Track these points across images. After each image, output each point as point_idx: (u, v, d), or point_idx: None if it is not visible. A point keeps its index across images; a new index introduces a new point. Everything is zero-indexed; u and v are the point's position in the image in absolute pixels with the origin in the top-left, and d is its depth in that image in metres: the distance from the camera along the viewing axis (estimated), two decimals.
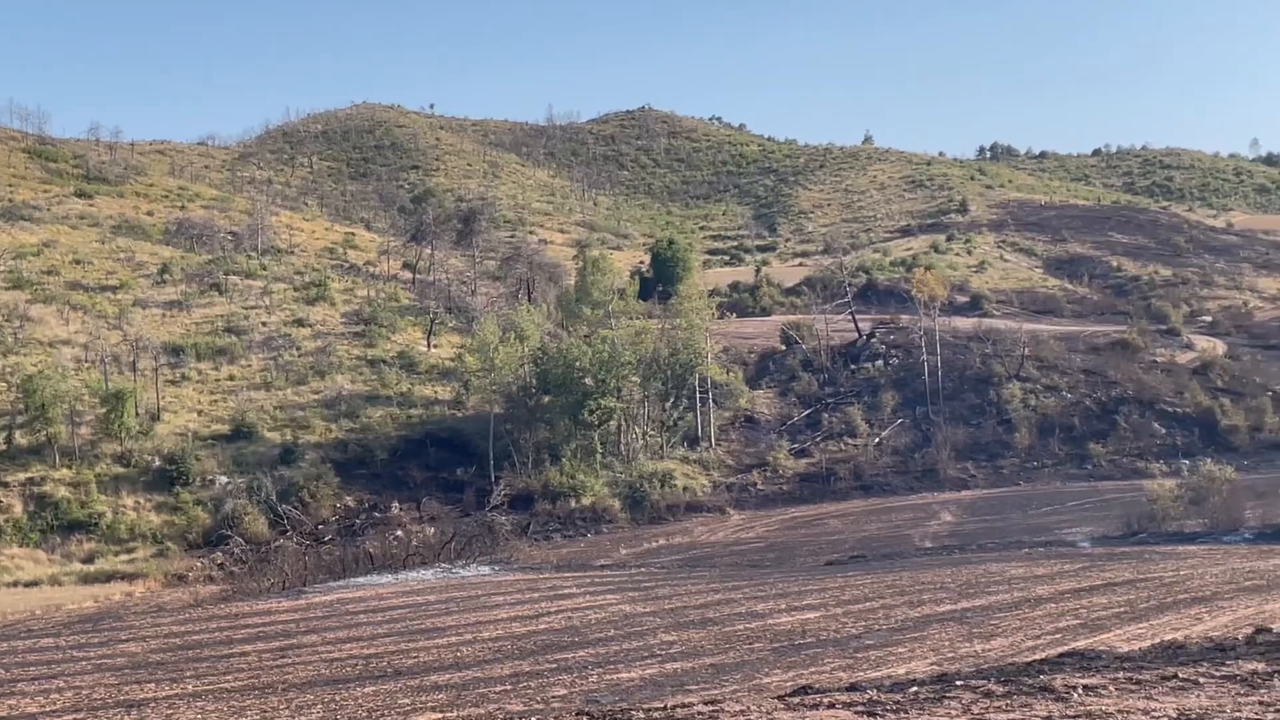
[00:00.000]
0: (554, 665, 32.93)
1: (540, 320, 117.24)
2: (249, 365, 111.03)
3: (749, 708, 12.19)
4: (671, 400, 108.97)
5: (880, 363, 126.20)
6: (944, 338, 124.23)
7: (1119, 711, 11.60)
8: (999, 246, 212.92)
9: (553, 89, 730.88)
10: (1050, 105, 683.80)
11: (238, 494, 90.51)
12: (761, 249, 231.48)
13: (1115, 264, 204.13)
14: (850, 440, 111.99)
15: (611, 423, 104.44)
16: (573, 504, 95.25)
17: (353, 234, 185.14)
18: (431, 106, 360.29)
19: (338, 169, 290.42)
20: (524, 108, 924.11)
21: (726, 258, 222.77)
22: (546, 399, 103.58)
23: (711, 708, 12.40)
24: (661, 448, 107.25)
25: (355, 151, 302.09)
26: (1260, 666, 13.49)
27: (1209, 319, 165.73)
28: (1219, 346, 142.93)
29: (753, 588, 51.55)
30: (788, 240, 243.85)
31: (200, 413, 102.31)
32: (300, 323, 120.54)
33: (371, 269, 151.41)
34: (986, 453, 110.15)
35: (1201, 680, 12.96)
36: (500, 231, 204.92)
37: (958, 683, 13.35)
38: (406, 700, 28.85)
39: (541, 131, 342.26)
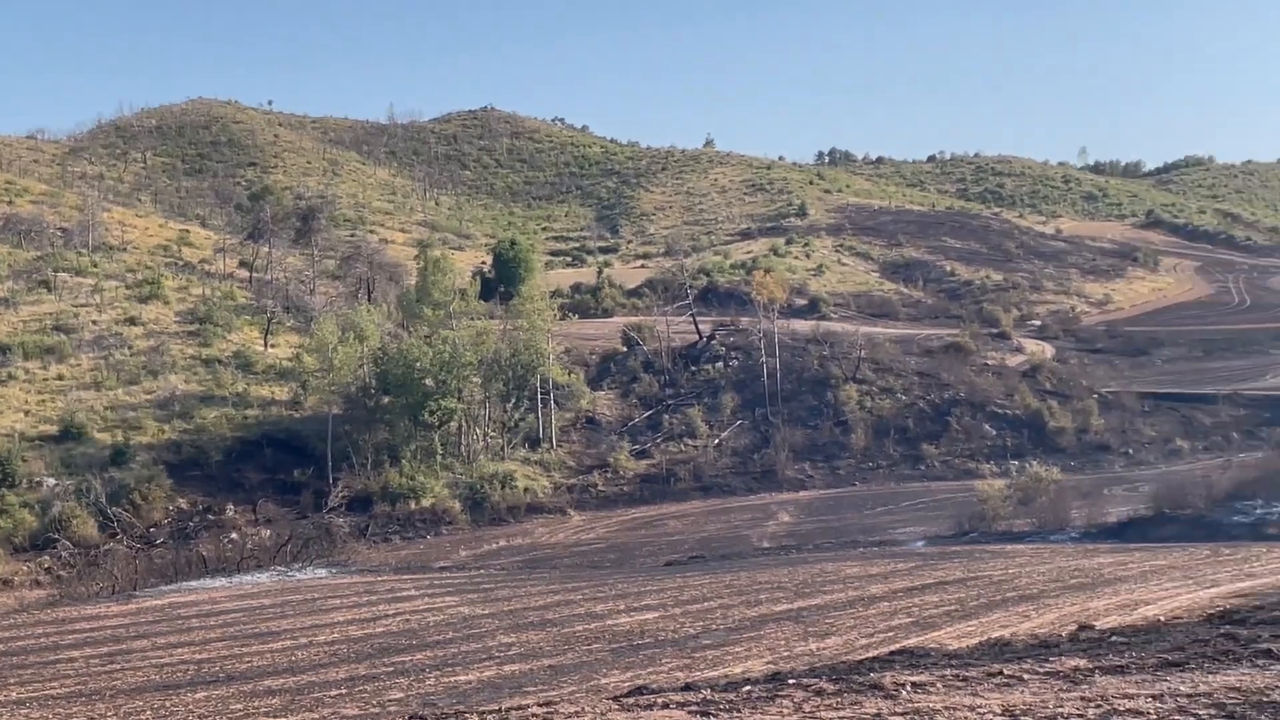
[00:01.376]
0: (391, 668, 32.72)
1: (380, 320, 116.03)
2: (79, 364, 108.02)
3: (584, 709, 12.25)
4: (513, 401, 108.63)
5: (720, 364, 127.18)
6: (783, 340, 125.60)
7: (946, 708, 11.88)
8: (837, 250, 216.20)
9: (394, 87, 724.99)
10: (887, 112, 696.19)
11: (66, 496, 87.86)
12: (604, 250, 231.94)
13: (949, 268, 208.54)
14: (690, 441, 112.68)
15: (452, 424, 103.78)
16: (412, 505, 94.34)
17: (188, 231, 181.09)
18: (270, 103, 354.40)
19: (172, 165, 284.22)
20: (365, 106, 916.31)
21: (569, 259, 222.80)
22: (386, 400, 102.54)
23: (546, 709, 12.43)
24: (502, 449, 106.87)
25: (191, 147, 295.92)
26: (1082, 663, 13.91)
27: (1038, 323, 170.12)
28: (1047, 350, 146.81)
29: (592, 589, 51.70)
30: (630, 242, 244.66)
31: (27, 413, 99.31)
32: (132, 321, 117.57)
33: (207, 267, 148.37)
34: (824, 454, 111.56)
35: (1026, 677, 13.32)
36: (340, 230, 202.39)
37: (790, 681, 13.55)
38: (239, 706, 28.44)
39: (383, 130, 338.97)
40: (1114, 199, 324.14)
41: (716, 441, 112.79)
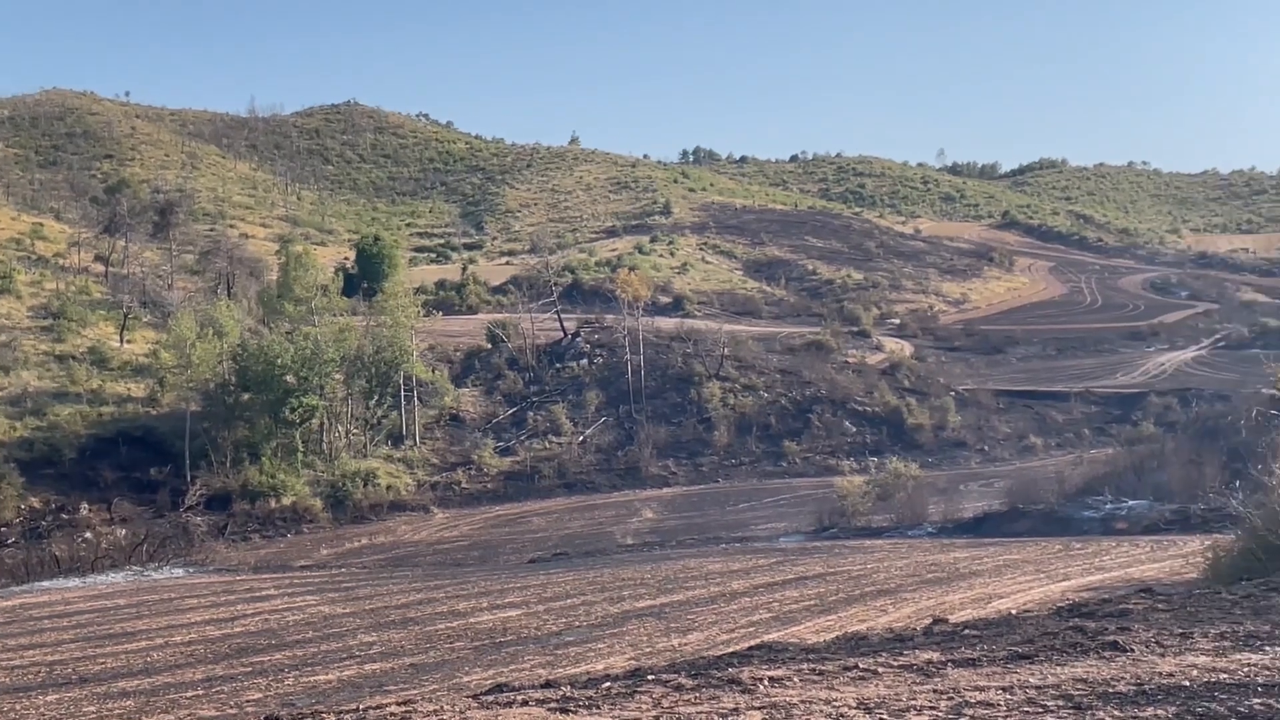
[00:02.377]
0: (249, 669, 32.31)
1: (240, 316, 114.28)
2: None
3: (443, 707, 12.23)
4: (376, 398, 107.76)
5: (585, 362, 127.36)
6: (647, 338, 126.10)
7: (802, 702, 12.04)
8: (701, 249, 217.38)
9: (255, 80, 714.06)
10: (751, 112, 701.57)
11: None
12: (468, 247, 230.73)
13: (810, 267, 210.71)
14: (555, 439, 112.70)
15: (314, 421, 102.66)
16: (272, 504, 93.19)
17: (41, 224, 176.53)
18: (127, 94, 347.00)
19: (25, 157, 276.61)
20: (225, 98, 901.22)
21: (433, 255, 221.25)
22: (246, 397, 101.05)
23: (405, 708, 12.38)
24: (365, 446, 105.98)
25: (45, 139, 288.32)
26: (935, 656, 14.17)
27: (897, 321, 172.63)
28: (906, 348, 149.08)
29: (455, 587, 51.50)
30: (495, 239, 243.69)
31: None
32: None
33: (61, 261, 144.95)
34: (687, 450, 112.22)
35: (881, 670, 13.53)
36: (199, 225, 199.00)
37: (649, 677, 13.64)
38: (92, 708, 27.91)
39: (243, 123, 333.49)
40: (971, 200, 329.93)
41: (581, 439, 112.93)
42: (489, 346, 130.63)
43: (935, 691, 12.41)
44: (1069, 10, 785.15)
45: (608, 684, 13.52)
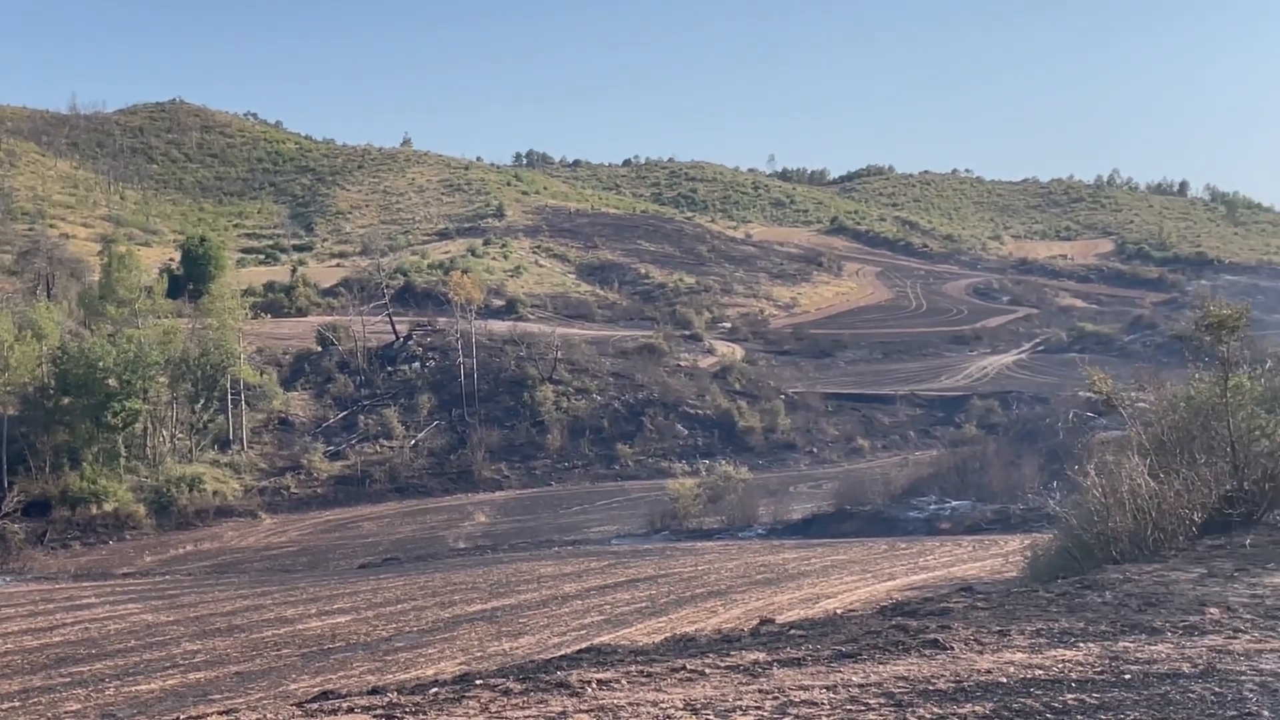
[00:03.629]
0: (68, 679, 31.45)
1: (61, 318, 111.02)
2: None
3: (267, 715, 12.06)
4: (202, 402, 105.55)
5: (417, 365, 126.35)
6: (480, 341, 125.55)
7: (630, 704, 12.11)
8: (534, 252, 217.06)
9: (77, 77, 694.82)
10: (584, 115, 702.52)
11: None
12: (298, 249, 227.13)
13: (643, 271, 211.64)
14: (386, 442, 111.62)
15: (137, 425, 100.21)
16: (94, 510, 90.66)
17: None
18: None
19: None
20: (45, 95, 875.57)
21: (262, 257, 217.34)
22: (66, 400, 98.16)
23: (228, 717, 12.19)
24: (191, 451, 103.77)
25: None
26: (762, 656, 14.34)
27: (729, 325, 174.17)
28: (737, 351, 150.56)
29: (283, 593, 50.74)
30: (325, 241, 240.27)
31: None
32: None
33: None
34: (520, 454, 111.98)
35: (708, 671, 13.65)
36: (17, 224, 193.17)
37: (478, 682, 13.60)
38: None
39: (64, 121, 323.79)
40: (801, 206, 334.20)
41: (413, 442, 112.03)
42: (319, 349, 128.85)
43: (761, 691, 12.57)
44: (895, 18, 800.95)
45: (435, 689, 13.45)
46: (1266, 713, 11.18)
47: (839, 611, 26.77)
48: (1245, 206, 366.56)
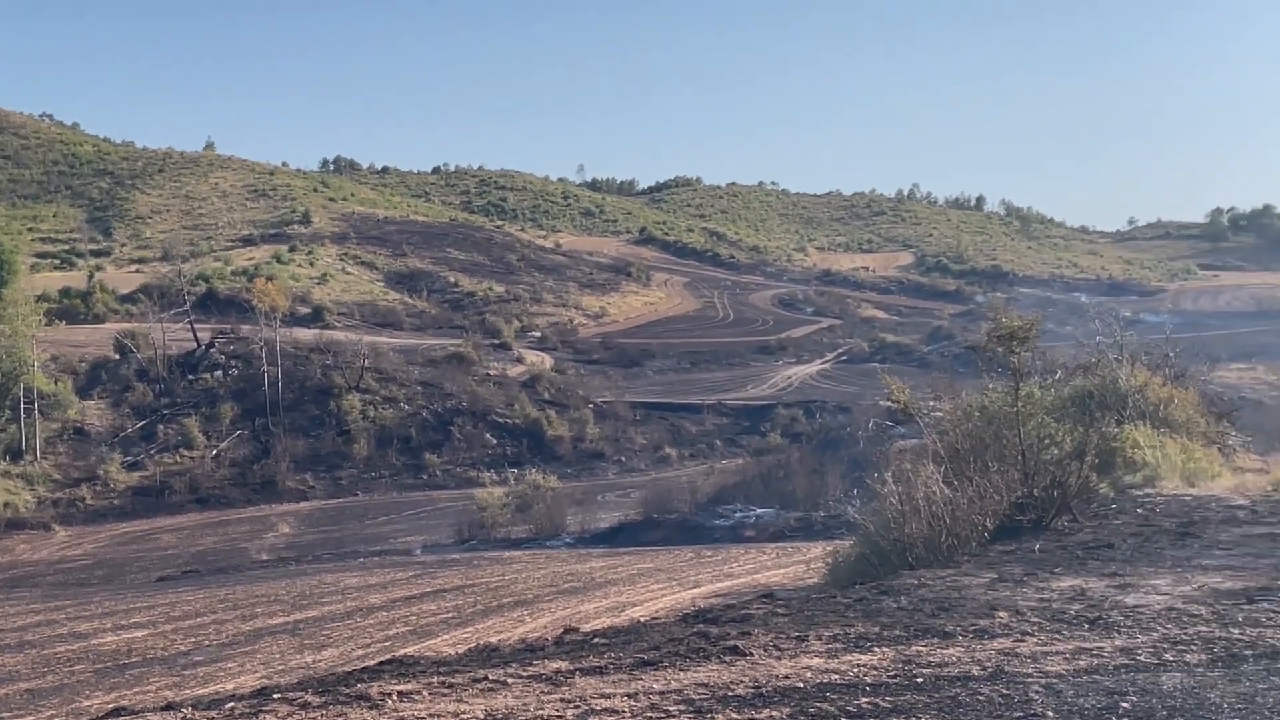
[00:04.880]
0: None
1: None
2: None
3: None
4: None
5: (220, 373, 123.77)
6: (285, 349, 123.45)
7: (430, 715, 12.07)
8: (341, 259, 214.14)
9: None
10: (392, 122, 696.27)
11: None
12: (96, 254, 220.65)
13: (453, 279, 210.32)
14: (187, 452, 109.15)
15: None
16: None
17: None
18: None
19: None
20: None
21: (57, 262, 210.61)
22: None
23: None
24: None
25: None
26: (564, 665, 14.38)
27: (538, 334, 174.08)
28: (547, 360, 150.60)
29: (77, 607, 49.29)
30: (124, 246, 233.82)
31: None
32: None
33: None
34: (326, 464, 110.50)
35: (510, 681, 13.65)
36: None
37: (275, 696, 13.40)
38: None
39: None
40: (610, 216, 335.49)
41: (215, 452, 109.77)
42: (117, 357, 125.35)
43: (563, 700, 12.62)
44: (700, 29, 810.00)
45: (232, 704, 13.22)
46: (1051, 713, 11.56)
47: (644, 619, 26.95)
48: (1039, 221, 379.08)
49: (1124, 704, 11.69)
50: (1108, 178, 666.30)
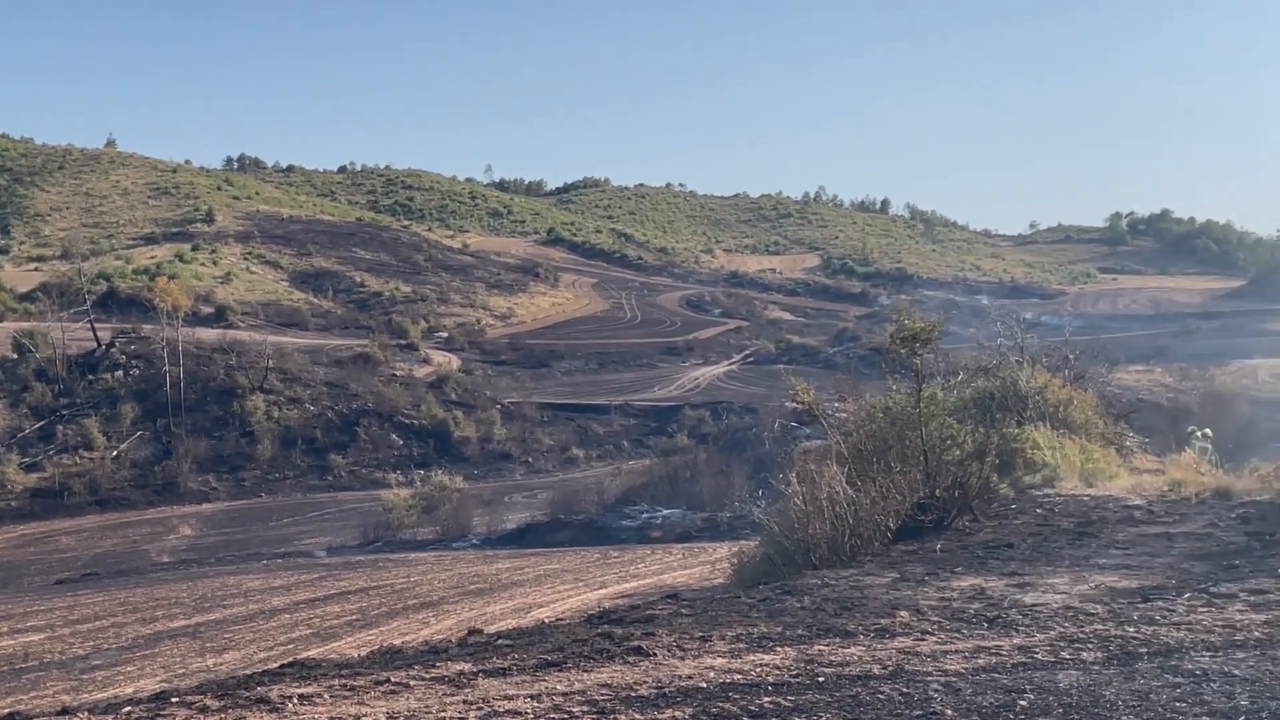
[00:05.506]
0: None
1: None
2: None
3: None
4: None
5: (121, 373, 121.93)
6: (188, 349, 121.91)
7: (331, 718, 11.99)
8: (245, 258, 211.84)
9: None
10: (298, 120, 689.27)
11: None
12: None
13: (359, 279, 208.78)
14: (87, 453, 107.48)
15: None
16: None
17: None
18: None
19: None
20: None
21: None
22: None
23: None
24: None
25: None
26: (467, 667, 14.33)
27: (445, 335, 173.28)
28: (454, 361, 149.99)
29: None
30: (23, 244, 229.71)
31: None
32: None
33: None
34: (229, 465, 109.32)
35: (412, 683, 13.58)
36: None
37: (174, 699, 13.23)
38: None
39: None
40: (518, 216, 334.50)
41: (115, 453, 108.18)
42: (15, 356, 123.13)
43: (465, 702, 12.58)
44: (607, 33, 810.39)
45: (129, 708, 13.04)
46: (950, 711, 11.68)
47: (549, 621, 26.93)
48: (942, 225, 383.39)
49: (1021, 701, 11.84)
50: (1010, 182, 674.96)
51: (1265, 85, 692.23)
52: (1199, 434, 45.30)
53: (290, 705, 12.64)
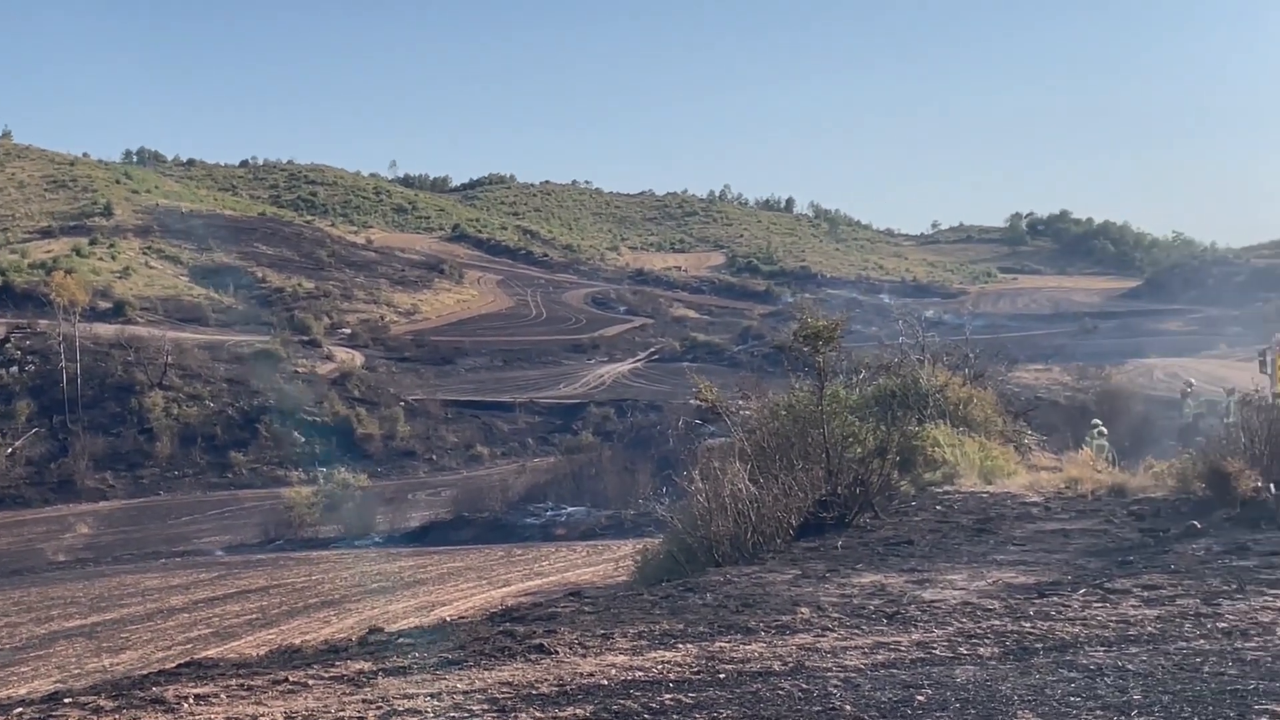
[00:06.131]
0: None
1: None
2: None
3: None
4: None
5: (15, 369, 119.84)
6: (85, 344, 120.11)
7: (227, 718, 11.86)
8: (145, 253, 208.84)
9: None
10: (199, 113, 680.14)
11: None
12: None
13: (261, 275, 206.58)
14: None
15: None
16: None
17: None
18: None
19: None
20: None
21: None
22: None
23: None
24: None
25: None
26: (367, 666, 14.24)
27: (349, 331, 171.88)
28: (357, 358, 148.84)
29: None
30: None
31: None
32: None
33: None
34: (127, 462, 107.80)
35: (311, 682, 13.47)
36: None
37: (67, 700, 13.03)
38: None
39: None
40: (423, 212, 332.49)
41: (9, 450, 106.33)
42: None
43: (365, 701, 12.49)
44: (511, 25, 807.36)
45: (21, 709, 12.82)
46: (849, 707, 11.77)
47: (451, 619, 26.84)
48: (846, 224, 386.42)
49: (919, 696, 11.96)
50: (913, 181, 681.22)
51: (1158, 88, 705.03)
52: (1096, 430, 46.09)
53: (186, 705, 12.49)
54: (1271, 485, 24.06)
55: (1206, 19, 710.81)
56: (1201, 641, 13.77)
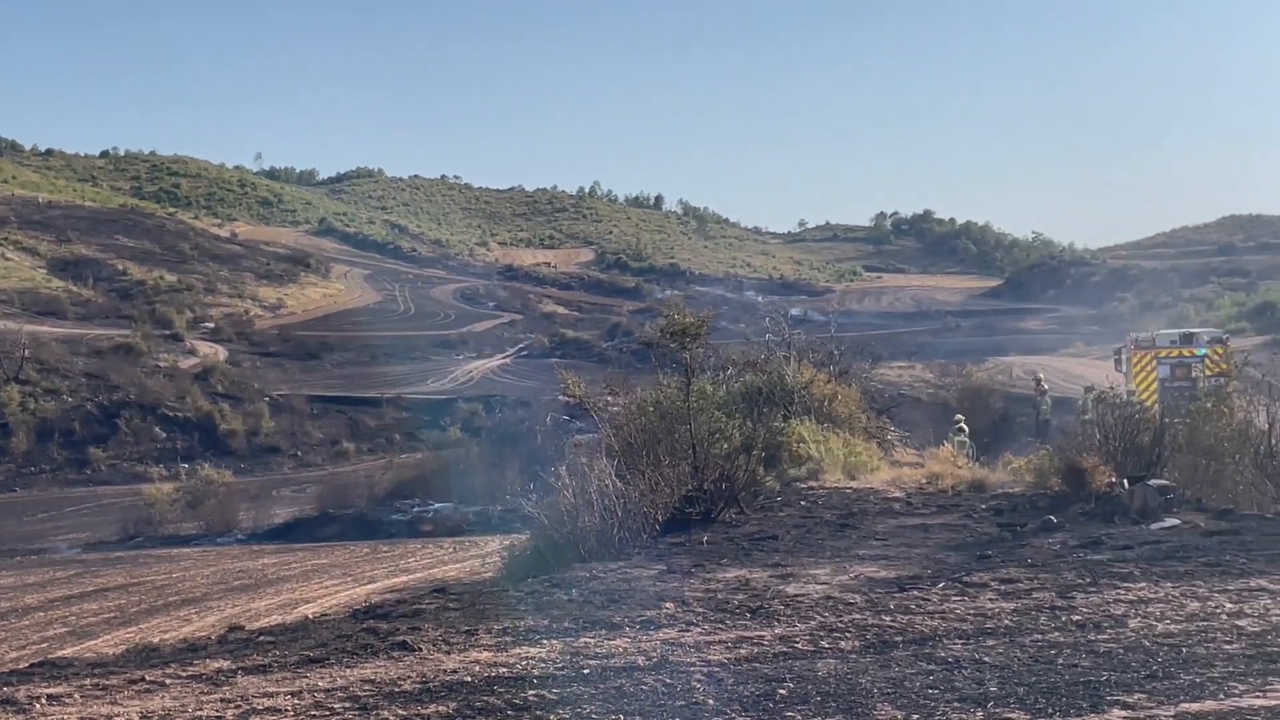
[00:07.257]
0: None
1: None
2: None
3: None
4: None
5: None
6: None
7: (81, 719, 11.64)
8: (1, 244, 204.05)
9: None
10: (58, 101, 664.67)
11: None
12: None
13: (121, 267, 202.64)
14: None
15: None
16: None
17: None
18: None
19: None
20: None
21: None
22: None
23: None
24: None
25: None
26: (226, 664, 14.06)
27: (212, 325, 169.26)
28: (221, 353, 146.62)
29: None
30: None
31: None
32: None
33: None
34: None
35: (168, 682, 13.27)
36: None
37: None
38: None
39: None
40: (289, 205, 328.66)
41: None
42: None
43: (223, 700, 12.34)
44: (380, 21, 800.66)
45: None
46: (711, 701, 11.87)
47: (314, 616, 26.58)
48: (715, 222, 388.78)
49: (781, 690, 12.08)
50: (780, 180, 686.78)
51: (1020, 88, 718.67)
52: (957, 426, 46.92)
53: (39, 706, 12.24)
54: (1125, 480, 24.68)
55: (1072, 18, 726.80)
56: (1056, 634, 14.07)
